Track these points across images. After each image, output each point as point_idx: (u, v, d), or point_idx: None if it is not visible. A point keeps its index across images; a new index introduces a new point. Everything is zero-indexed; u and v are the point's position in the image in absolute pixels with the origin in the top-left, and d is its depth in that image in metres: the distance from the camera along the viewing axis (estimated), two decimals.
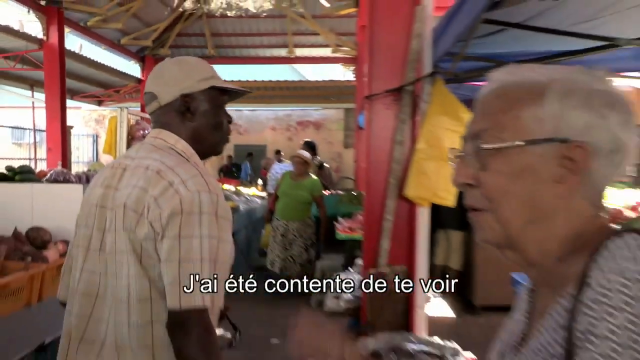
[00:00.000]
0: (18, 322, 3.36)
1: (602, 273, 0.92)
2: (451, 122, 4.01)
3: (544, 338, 1.03)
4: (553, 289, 1.08)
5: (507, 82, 1.12)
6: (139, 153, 2.07)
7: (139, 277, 1.88)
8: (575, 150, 1.05)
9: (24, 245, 3.74)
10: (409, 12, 3.95)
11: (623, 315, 0.87)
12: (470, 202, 1.13)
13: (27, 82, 15.13)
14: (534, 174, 1.07)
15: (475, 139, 1.11)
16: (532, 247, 1.11)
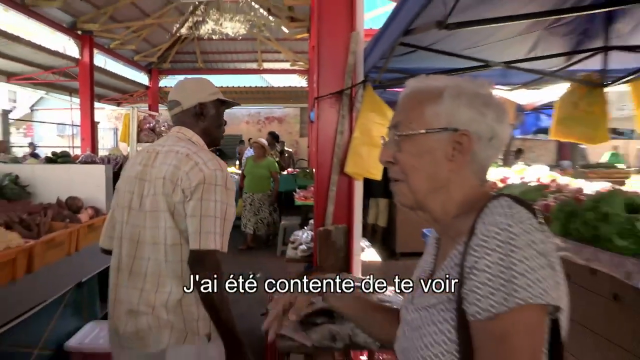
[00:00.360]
0: (62, 266, 3.35)
1: (484, 225, 0.98)
2: (378, 118, 4.03)
3: (443, 273, 1.08)
4: (452, 239, 1.11)
5: (416, 87, 1.19)
6: (167, 142, 2.22)
7: (172, 228, 2.04)
8: (462, 137, 1.12)
9: (64, 210, 3.69)
10: (346, 36, 3.94)
11: (495, 254, 0.94)
12: (392, 175, 1.19)
13: (67, 90, 15.19)
14: (433, 154, 1.13)
15: (394, 129, 1.18)
16: (436, 208, 1.16)
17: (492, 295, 0.92)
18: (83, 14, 11.07)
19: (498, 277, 0.92)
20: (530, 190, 3.81)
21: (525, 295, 0.90)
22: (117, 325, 2.14)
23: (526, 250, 0.93)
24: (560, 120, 4.62)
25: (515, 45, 4.47)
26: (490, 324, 0.93)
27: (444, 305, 1.04)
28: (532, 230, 0.95)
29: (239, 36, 13.15)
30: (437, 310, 1.06)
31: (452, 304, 1.01)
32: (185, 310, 2.03)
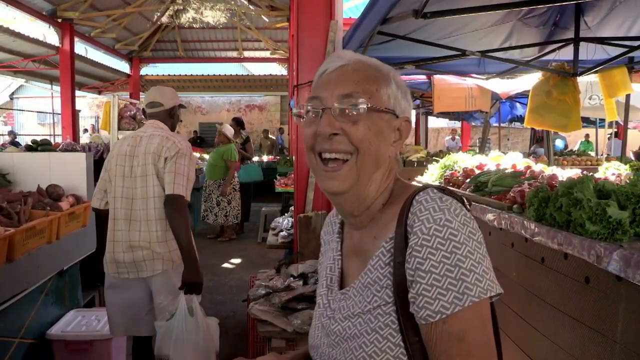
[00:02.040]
0: (43, 254, 3.29)
1: (422, 223, 0.92)
2: None
3: (374, 275, 1.00)
4: (374, 233, 1.05)
5: (361, 61, 1.06)
6: (147, 130, 3.03)
7: (157, 186, 2.89)
8: (404, 123, 1.08)
9: (44, 198, 3.62)
10: (325, 25, 3.90)
11: (439, 253, 0.89)
12: (335, 146, 1.01)
13: (48, 78, 15.03)
14: (384, 134, 1.03)
15: (348, 99, 1.00)
16: (370, 196, 1.06)
17: (443, 297, 0.88)
18: (63, 2, 10.85)
19: (446, 276, 0.88)
20: (505, 176, 3.84)
21: (477, 292, 0.89)
22: (116, 258, 2.93)
23: (469, 243, 0.90)
24: (533, 109, 4.66)
25: (491, 35, 4.48)
26: (445, 326, 0.89)
27: (381, 309, 0.97)
28: (468, 221, 0.93)
29: (220, 25, 13.01)
30: (374, 316, 0.98)
31: (391, 307, 0.96)
32: (169, 243, 2.89)
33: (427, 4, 2.78)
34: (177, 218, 2.78)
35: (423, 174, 5.73)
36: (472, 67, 5.74)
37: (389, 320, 0.96)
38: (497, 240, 3.45)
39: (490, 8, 3.33)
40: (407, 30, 4.03)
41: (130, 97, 14.77)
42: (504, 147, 12.97)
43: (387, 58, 4.87)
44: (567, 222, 2.56)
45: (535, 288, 2.89)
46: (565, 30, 4.42)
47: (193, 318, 2.73)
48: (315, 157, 1.04)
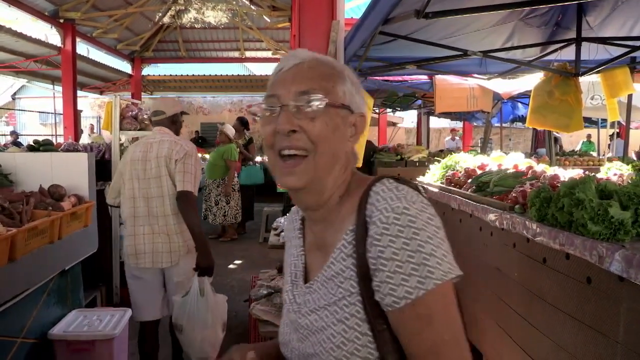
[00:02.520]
0: (45, 254, 3.29)
1: (380, 212, 0.94)
2: None
3: (337, 267, 1.02)
4: (334, 226, 1.07)
5: (316, 59, 1.08)
6: (156, 137, 3.46)
7: (171, 185, 3.34)
8: (359, 118, 1.10)
9: (46, 198, 3.62)
10: (327, 25, 3.90)
11: (400, 240, 0.92)
12: (294, 143, 1.02)
13: (50, 79, 15.02)
14: (340, 130, 1.05)
15: (304, 96, 1.02)
16: (328, 189, 1.07)
17: (406, 282, 0.91)
18: (65, 2, 10.86)
19: (408, 262, 0.91)
20: (507, 176, 3.83)
21: (439, 275, 0.92)
22: (137, 250, 3.40)
23: (427, 229, 0.93)
24: (535, 109, 4.65)
25: (492, 35, 4.48)
26: (411, 310, 0.92)
27: (346, 300, 0.99)
28: (426, 208, 0.97)
29: (221, 25, 13.01)
30: (339, 307, 1.00)
31: (356, 297, 0.98)
32: (184, 234, 3.35)
33: (429, 4, 2.78)
34: (189, 210, 3.27)
35: (424, 174, 5.72)
36: (474, 67, 5.73)
37: (354, 310, 0.98)
38: (499, 240, 3.45)
39: (492, 8, 3.33)
40: (409, 31, 4.03)
41: (132, 97, 14.79)
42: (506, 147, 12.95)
43: (388, 58, 4.87)
44: (569, 223, 2.56)
45: (537, 288, 2.89)
46: (567, 30, 4.41)
47: (203, 298, 3.20)
48: (275, 154, 1.06)
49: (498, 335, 3.41)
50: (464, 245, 4.19)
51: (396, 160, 8.59)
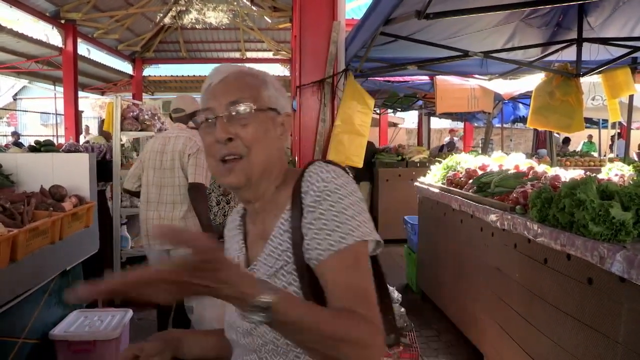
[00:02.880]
0: (46, 255, 3.29)
1: (313, 184, 1.11)
2: (359, 106, 4.03)
3: (275, 242, 1.16)
4: (272, 213, 1.20)
5: (239, 71, 1.21)
6: (173, 132, 3.78)
7: (182, 177, 3.65)
8: (287, 118, 1.25)
9: (47, 198, 3.63)
10: (328, 25, 3.91)
11: (327, 202, 1.08)
12: (231, 150, 1.15)
13: (51, 79, 14.99)
14: (270, 131, 1.19)
15: (235, 105, 1.15)
16: (264, 184, 1.21)
17: (330, 237, 1.05)
18: (66, 3, 10.86)
19: (333, 220, 1.06)
20: (508, 177, 3.83)
21: (359, 234, 1.06)
22: (148, 232, 3.76)
23: (351, 197, 1.10)
24: (536, 110, 4.65)
25: (493, 35, 4.48)
26: (333, 260, 1.05)
27: (284, 269, 1.12)
28: (351, 182, 1.13)
29: (222, 25, 13.03)
30: (277, 278, 1.12)
31: (291, 266, 1.11)
32: (187, 220, 3.66)
33: (430, 4, 2.78)
34: (199, 200, 3.61)
35: (425, 175, 5.73)
36: (475, 68, 5.73)
37: (291, 278, 1.11)
38: (500, 241, 3.45)
39: (494, 9, 3.33)
40: (410, 31, 4.03)
41: (133, 98, 14.79)
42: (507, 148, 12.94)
43: (389, 59, 4.87)
44: (570, 223, 2.56)
45: (538, 289, 2.89)
46: (568, 30, 4.41)
47: None
48: (217, 161, 1.17)
49: (499, 336, 3.41)
50: (464, 245, 4.19)
51: (397, 160, 8.59)
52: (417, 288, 5.63)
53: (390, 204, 8.14)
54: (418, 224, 5.65)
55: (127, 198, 5.32)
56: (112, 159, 5.13)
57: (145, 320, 4.61)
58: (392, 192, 8.23)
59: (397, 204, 7.91)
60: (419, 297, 5.52)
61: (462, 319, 4.25)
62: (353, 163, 4.10)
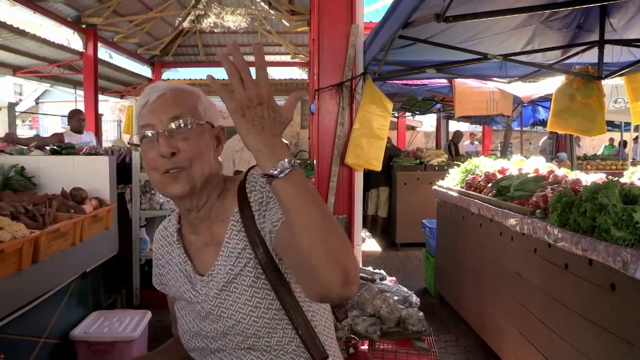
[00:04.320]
0: (66, 256, 3.34)
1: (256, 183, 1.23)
2: (378, 109, 4.02)
3: (232, 244, 1.23)
4: (219, 218, 1.28)
5: (175, 88, 1.27)
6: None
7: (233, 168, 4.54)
8: (220, 130, 1.32)
9: (68, 200, 3.68)
10: (346, 29, 3.91)
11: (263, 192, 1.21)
12: (175, 164, 1.19)
13: (72, 83, 15.17)
14: (208, 143, 1.26)
15: (176, 120, 1.20)
16: (206, 192, 1.27)
17: (279, 210, 1.13)
18: (87, 8, 11.01)
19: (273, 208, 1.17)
20: (528, 181, 3.79)
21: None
22: None
23: None
24: (556, 113, 4.60)
25: (513, 38, 4.44)
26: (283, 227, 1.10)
27: (248, 266, 1.20)
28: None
29: (240, 29, 13.09)
30: (244, 275, 1.20)
31: (255, 262, 1.19)
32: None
33: (450, 7, 2.76)
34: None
35: (444, 178, 5.69)
36: (494, 71, 5.68)
37: (258, 272, 1.19)
38: (520, 245, 3.41)
39: (513, 11, 3.30)
40: (428, 34, 4.01)
41: None
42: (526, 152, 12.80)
43: (408, 62, 4.86)
44: (591, 228, 2.52)
45: (559, 294, 2.85)
46: (589, 32, 4.35)
47: None
48: (160, 174, 1.21)
49: (518, 341, 3.37)
50: (483, 249, 4.16)
51: (415, 164, 8.56)
52: (435, 292, 5.60)
53: (408, 208, 8.10)
54: (436, 227, 5.62)
55: (146, 201, 5.37)
56: (132, 162, 5.18)
57: (163, 322, 4.64)
58: (410, 195, 8.20)
59: (416, 207, 7.87)
60: (437, 301, 5.49)
61: (481, 323, 4.21)
62: (372, 167, 4.09)
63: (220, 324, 1.22)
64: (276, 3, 12.73)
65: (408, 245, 8.02)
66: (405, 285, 3.52)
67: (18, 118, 19.52)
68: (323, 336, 1.24)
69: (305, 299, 1.21)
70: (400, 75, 5.45)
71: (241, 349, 1.23)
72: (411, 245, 7.87)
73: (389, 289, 3.24)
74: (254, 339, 1.20)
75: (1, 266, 2.59)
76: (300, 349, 1.21)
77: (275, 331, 1.19)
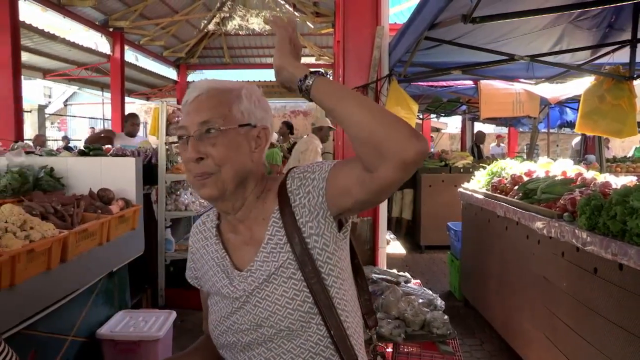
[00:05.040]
0: (94, 256, 3.38)
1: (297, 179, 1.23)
2: (403, 111, 4.01)
3: (273, 241, 1.23)
4: (259, 218, 1.28)
5: (214, 87, 1.25)
6: (305, 138, 5.69)
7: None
8: (262, 131, 1.29)
9: (96, 201, 3.73)
10: (371, 30, 3.91)
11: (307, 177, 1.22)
12: (201, 170, 1.21)
13: (99, 85, 15.60)
14: (242, 147, 1.24)
15: (205, 125, 1.20)
16: (241, 195, 1.27)
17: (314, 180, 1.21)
18: (115, 12, 11.23)
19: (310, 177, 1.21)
20: (555, 183, 3.74)
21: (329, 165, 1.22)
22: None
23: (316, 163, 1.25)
24: (585, 114, 4.51)
25: (541, 38, 4.38)
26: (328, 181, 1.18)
27: (290, 261, 1.20)
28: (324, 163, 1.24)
29: (265, 31, 13.18)
30: (284, 268, 1.21)
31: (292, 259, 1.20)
32: None
33: (477, 8, 2.74)
34: None
35: (469, 181, 5.64)
36: (521, 72, 5.62)
37: (294, 268, 1.20)
38: (547, 249, 3.36)
39: (542, 11, 3.25)
40: (454, 35, 3.98)
41: (178, 103, 15.08)
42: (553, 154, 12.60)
43: (433, 63, 4.83)
44: (622, 232, 2.47)
45: (588, 299, 2.80)
46: (620, 31, 4.27)
47: None
48: (192, 177, 1.23)
49: (545, 346, 3.32)
50: (509, 252, 4.11)
51: (440, 166, 8.49)
52: (460, 295, 5.55)
53: (433, 210, 8.04)
54: (462, 230, 5.57)
55: (171, 202, 5.43)
56: (158, 163, 5.24)
57: (188, 322, 4.68)
58: (435, 198, 8.14)
59: (440, 210, 7.81)
60: (462, 304, 5.44)
61: (507, 328, 4.16)
62: None
63: (254, 315, 1.23)
64: (301, 5, 12.78)
65: (433, 248, 7.97)
66: (429, 288, 3.49)
67: (47, 120, 19.94)
68: (353, 339, 1.24)
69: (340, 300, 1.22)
70: (425, 76, 5.42)
71: (272, 343, 1.23)
72: (436, 247, 7.81)
73: (413, 291, 3.21)
74: (287, 332, 1.20)
75: (31, 265, 2.64)
76: (329, 350, 1.22)
77: (308, 325, 1.20)
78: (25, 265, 2.57)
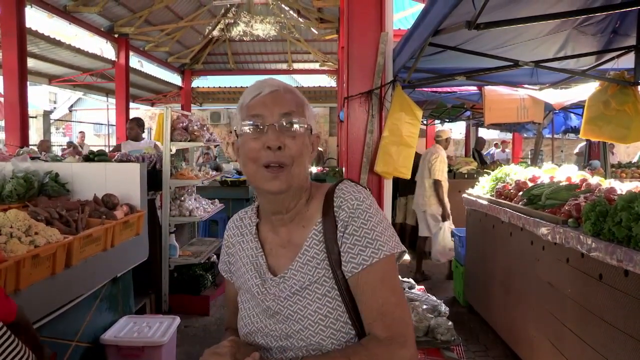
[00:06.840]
0: (98, 261, 3.40)
1: (347, 202, 1.24)
2: (408, 117, 4.00)
3: (311, 252, 1.25)
4: (301, 224, 1.30)
5: (287, 88, 1.29)
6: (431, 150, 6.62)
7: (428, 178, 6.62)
8: (315, 138, 1.33)
9: (100, 207, 3.74)
10: (375, 36, 3.91)
11: (359, 221, 1.22)
12: (278, 159, 1.21)
13: (104, 91, 15.67)
14: (308, 147, 1.27)
15: (287, 117, 1.22)
16: (297, 195, 1.29)
17: (364, 252, 1.19)
18: (120, 18, 11.29)
19: (365, 237, 1.20)
20: (560, 189, 3.72)
21: (388, 248, 1.20)
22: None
23: (379, 215, 1.24)
24: (590, 120, 4.50)
25: (545, 44, 4.37)
26: (367, 273, 1.18)
27: (325, 278, 1.22)
28: (374, 202, 1.27)
29: (269, 37, 13.22)
30: (320, 284, 1.22)
31: (330, 275, 1.21)
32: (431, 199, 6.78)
33: (481, 14, 2.74)
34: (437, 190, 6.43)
35: (474, 186, 5.63)
36: (525, 78, 5.61)
37: (331, 285, 1.21)
38: (551, 255, 3.35)
39: (546, 17, 3.25)
40: (459, 41, 3.98)
41: (182, 109, 15.12)
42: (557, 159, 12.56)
43: (437, 69, 4.83)
44: (627, 238, 2.46)
45: (593, 306, 2.79)
46: (625, 37, 4.26)
47: None
48: (258, 167, 1.23)
49: (550, 353, 3.30)
50: (514, 258, 4.09)
51: None
52: (464, 301, 5.53)
53: None
54: (466, 236, 5.56)
55: (175, 207, 5.43)
56: (162, 169, 5.25)
57: (192, 328, 4.68)
58: None
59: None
60: (466, 310, 5.42)
61: (511, 334, 4.14)
62: (401, 174, 4.06)
63: (286, 326, 1.24)
64: (305, 11, 12.82)
65: None
66: (433, 294, 3.48)
67: (52, 125, 20.00)
68: None
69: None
70: (429, 82, 5.42)
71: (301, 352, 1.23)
72: None
73: (417, 297, 3.20)
74: (317, 346, 1.21)
75: (36, 270, 2.65)
76: None
77: (339, 344, 1.20)
78: (30, 270, 2.58)
